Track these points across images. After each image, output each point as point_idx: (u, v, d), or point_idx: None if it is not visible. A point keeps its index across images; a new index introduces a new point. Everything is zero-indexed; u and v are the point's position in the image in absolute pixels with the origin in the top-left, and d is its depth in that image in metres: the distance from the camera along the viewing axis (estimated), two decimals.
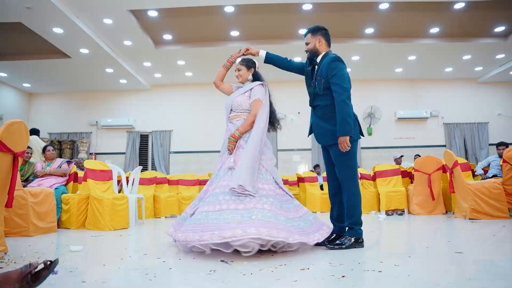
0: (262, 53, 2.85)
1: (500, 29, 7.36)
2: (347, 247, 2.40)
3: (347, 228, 2.51)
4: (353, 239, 2.43)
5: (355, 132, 2.51)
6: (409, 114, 9.89)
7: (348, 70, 2.69)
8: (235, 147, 2.60)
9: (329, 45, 2.68)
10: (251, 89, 2.76)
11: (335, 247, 2.40)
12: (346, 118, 2.39)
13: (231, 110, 2.78)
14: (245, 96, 2.75)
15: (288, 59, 2.92)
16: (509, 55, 8.43)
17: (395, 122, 10.04)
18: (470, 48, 8.05)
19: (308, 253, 2.26)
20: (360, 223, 2.49)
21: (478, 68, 9.36)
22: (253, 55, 2.85)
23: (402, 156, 8.15)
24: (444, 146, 9.97)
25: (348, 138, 2.40)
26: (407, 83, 10.24)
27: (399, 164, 7.59)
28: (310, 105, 2.73)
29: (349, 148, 2.40)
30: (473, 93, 10.17)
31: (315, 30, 2.65)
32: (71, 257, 2.28)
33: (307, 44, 2.68)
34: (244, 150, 2.53)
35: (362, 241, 2.47)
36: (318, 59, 2.65)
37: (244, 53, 2.86)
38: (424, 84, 10.22)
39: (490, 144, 9.85)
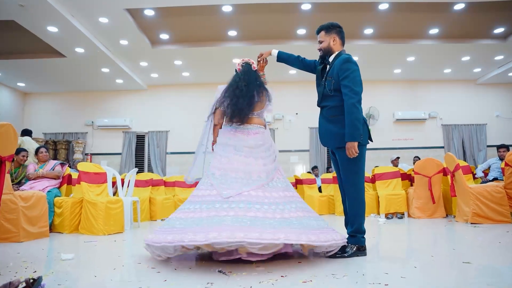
0: (274, 52, 2.82)
1: (499, 30, 7.32)
2: (349, 256, 2.31)
3: (349, 235, 2.42)
4: (355, 248, 2.34)
5: (364, 137, 2.42)
6: (407, 115, 9.85)
7: None
8: None
9: (343, 44, 2.56)
10: None
11: (337, 255, 2.31)
12: (355, 123, 2.30)
13: None
14: None
15: (301, 58, 2.83)
16: (508, 57, 8.40)
17: (394, 123, 9.99)
18: (469, 49, 8.01)
19: (309, 263, 2.17)
20: (363, 231, 2.40)
21: (477, 70, 9.32)
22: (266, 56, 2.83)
23: (398, 157, 8.10)
24: (443, 147, 9.93)
25: (356, 143, 2.30)
26: (406, 84, 10.19)
27: (396, 166, 7.53)
28: (318, 105, 2.62)
29: (357, 154, 2.32)
30: (471, 95, 10.14)
31: (330, 28, 2.53)
32: (62, 266, 2.18)
33: (320, 42, 2.56)
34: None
35: (365, 249, 2.38)
36: (331, 59, 2.53)
37: (259, 59, 2.83)
38: (423, 85, 10.18)
39: (488, 146, 9.83)
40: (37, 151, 4.48)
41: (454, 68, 9.21)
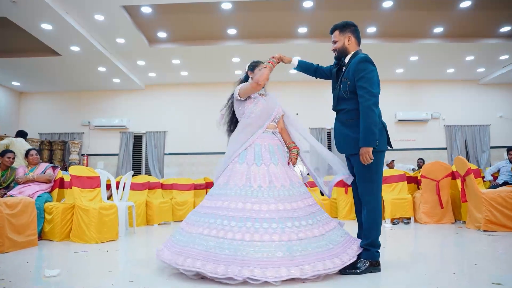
0: (295, 61, 2.65)
1: (505, 29, 7.15)
2: (361, 272, 2.11)
3: (362, 249, 2.22)
4: (368, 263, 2.15)
5: (382, 142, 2.23)
6: (409, 115, 9.68)
7: None
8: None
9: (359, 43, 2.40)
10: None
11: (347, 271, 2.11)
12: (371, 127, 2.11)
13: (273, 118, 2.58)
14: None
15: (319, 66, 2.68)
16: None
17: (395, 124, 9.81)
18: (473, 49, 7.84)
19: (318, 282, 1.96)
20: (378, 245, 2.20)
21: (481, 69, 9.16)
22: (284, 62, 2.64)
23: (393, 160, 7.91)
24: (445, 148, 9.79)
25: (371, 149, 2.12)
26: (408, 84, 10.02)
27: (392, 168, 7.36)
28: (333, 109, 2.46)
29: (371, 160, 2.13)
30: (474, 95, 9.99)
31: (344, 27, 2.37)
32: (44, 285, 1.97)
33: (334, 42, 2.40)
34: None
35: (379, 265, 2.19)
36: (347, 59, 2.37)
37: (274, 60, 2.63)
38: (425, 85, 10.02)
39: (492, 147, 9.69)
40: (27, 153, 4.25)
41: (457, 68, 9.04)
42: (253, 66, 2.64)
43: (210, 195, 2.36)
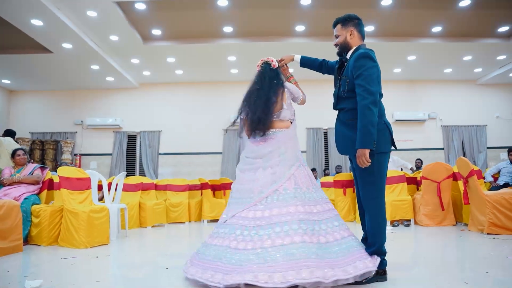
0: (297, 58, 2.60)
1: (504, 29, 7.09)
2: (367, 282, 1.98)
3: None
4: (374, 272, 2.02)
5: (383, 143, 2.09)
6: (406, 116, 9.62)
7: None
8: None
9: (362, 38, 2.28)
10: None
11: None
12: (368, 127, 1.97)
13: None
14: None
15: (325, 61, 2.58)
16: (511, 57, 8.18)
17: (392, 124, 9.72)
18: (471, 48, 7.78)
19: None
20: (384, 253, 2.08)
21: (478, 70, 9.11)
22: (287, 63, 2.62)
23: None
24: (442, 149, 9.74)
25: (367, 151, 1.97)
26: (405, 84, 9.96)
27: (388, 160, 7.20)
28: (333, 108, 2.34)
29: (369, 163, 1.99)
30: (472, 95, 9.95)
31: (346, 20, 2.25)
32: None
33: (336, 37, 2.29)
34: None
35: (385, 273, 2.06)
36: (348, 55, 2.23)
37: (280, 65, 2.60)
38: (423, 85, 9.96)
39: (489, 148, 9.66)
40: (13, 153, 4.06)
41: (455, 68, 8.99)
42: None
43: (312, 200, 2.20)
